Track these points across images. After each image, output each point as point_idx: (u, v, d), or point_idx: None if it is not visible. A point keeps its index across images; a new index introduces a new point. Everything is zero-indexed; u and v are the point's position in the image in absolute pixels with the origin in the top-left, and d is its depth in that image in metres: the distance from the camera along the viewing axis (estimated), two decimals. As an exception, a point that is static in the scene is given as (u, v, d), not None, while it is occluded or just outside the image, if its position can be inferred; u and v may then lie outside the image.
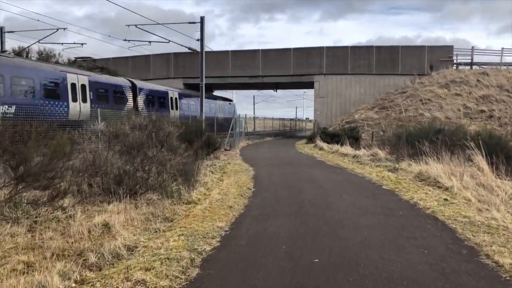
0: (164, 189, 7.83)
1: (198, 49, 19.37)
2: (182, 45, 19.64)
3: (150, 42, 21.17)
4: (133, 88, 21.08)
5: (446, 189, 8.81)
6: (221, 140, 14.54)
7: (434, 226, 6.17)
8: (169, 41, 19.86)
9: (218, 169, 12.13)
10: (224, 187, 9.28)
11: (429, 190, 8.94)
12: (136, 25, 19.56)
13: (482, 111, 27.56)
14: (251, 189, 9.10)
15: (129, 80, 21.44)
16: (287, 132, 52.90)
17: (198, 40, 19.04)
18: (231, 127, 22.58)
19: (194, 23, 19.04)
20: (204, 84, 19.23)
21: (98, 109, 13.16)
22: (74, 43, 23.96)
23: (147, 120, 9.03)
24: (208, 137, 12.79)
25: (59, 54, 35.69)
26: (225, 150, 20.14)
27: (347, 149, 19.26)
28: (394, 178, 10.72)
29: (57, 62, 33.78)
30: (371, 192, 8.95)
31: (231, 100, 44.52)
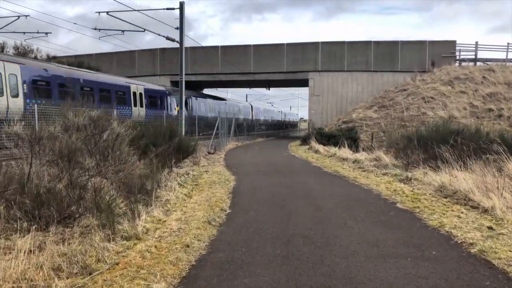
0: (98, 215, 5.58)
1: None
2: (159, 34, 17.32)
3: (123, 31, 18.82)
4: None
5: (485, 210, 6.60)
6: (195, 143, 12.19)
7: (496, 282, 3.96)
8: (144, 29, 17.53)
9: (190, 180, 9.79)
10: (189, 208, 6.97)
11: (461, 212, 6.73)
12: (107, 12, 17.21)
13: (490, 109, 25.53)
14: (225, 211, 6.81)
15: None
16: (280, 132, 51.03)
17: (177, 28, 16.74)
18: (216, 127, 20.18)
19: (173, 9, 16.74)
20: (184, 79, 16.92)
21: None
22: (38, 32, 21.34)
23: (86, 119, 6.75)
24: (179, 141, 10.50)
25: (37, 49, 33.70)
26: (209, 153, 17.88)
27: (346, 152, 17.03)
28: (410, 193, 8.50)
29: (35, 58, 31.41)
30: (384, 215, 6.73)
31: (223, 99, 42.39)
